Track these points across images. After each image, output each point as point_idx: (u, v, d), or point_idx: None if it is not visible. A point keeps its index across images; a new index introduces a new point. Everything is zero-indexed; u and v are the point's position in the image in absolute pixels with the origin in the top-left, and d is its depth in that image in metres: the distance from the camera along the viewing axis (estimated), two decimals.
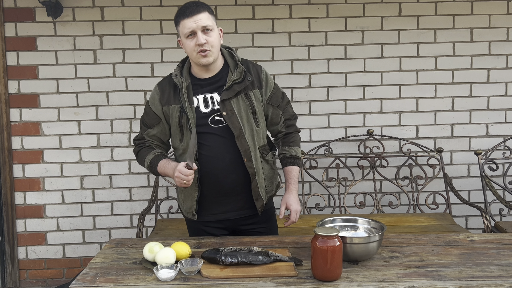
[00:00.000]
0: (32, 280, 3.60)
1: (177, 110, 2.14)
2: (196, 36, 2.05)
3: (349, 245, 1.83)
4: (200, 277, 1.77)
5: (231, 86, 2.12)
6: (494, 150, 3.48)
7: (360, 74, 3.53)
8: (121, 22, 3.44)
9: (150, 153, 2.23)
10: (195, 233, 2.29)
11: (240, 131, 2.12)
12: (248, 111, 2.15)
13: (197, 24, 2.04)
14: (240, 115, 2.12)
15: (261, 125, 2.21)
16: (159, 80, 2.26)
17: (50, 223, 3.56)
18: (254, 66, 2.22)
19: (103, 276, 1.80)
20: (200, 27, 2.04)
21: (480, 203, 3.42)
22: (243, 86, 2.13)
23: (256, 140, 2.18)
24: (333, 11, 3.47)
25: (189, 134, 2.11)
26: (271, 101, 2.23)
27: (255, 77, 2.18)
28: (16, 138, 3.48)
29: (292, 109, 2.35)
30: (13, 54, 3.43)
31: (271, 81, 2.24)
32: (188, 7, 2.07)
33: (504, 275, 1.75)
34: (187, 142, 2.15)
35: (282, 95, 2.29)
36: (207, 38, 2.06)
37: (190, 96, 2.14)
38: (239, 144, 2.12)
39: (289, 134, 2.32)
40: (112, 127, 3.51)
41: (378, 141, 3.55)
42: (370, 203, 3.56)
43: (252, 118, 2.16)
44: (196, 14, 2.03)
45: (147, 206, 3.26)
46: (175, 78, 2.16)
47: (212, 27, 2.07)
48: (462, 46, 3.53)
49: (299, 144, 2.35)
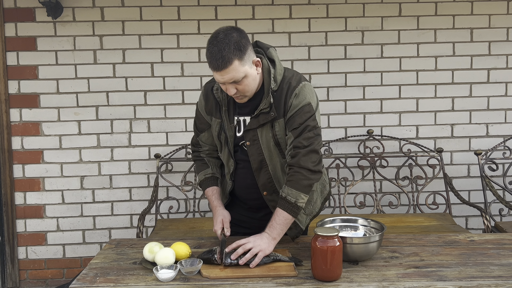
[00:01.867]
0: (32, 280, 3.60)
1: (217, 124, 2.06)
2: (225, 85, 1.88)
3: (349, 245, 1.83)
4: (200, 277, 1.77)
5: (258, 115, 1.96)
6: (494, 150, 3.47)
7: (360, 74, 3.53)
8: (121, 22, 3.44)
9: (201, 173, 2.18)
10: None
11: (262, 163, 2.01)
12: (271, 142, 1.98)
13: (225, 79, 1.84)
14: (263, 145, 1.99)
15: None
16: (207, 82, 2.12)
17: (50, 223, 3.56)
18: (289, 88, 1.94)
19: (103, 276, 1.80)
20: (228, 81, 1.85)
21: (480, 203, 3.42)
22: (268, 119, 1.94)
23: (282, 172, 2.02)
24: (333, 11, 3.47)
25: (227, 150, 2.07)
26: (287, 124, 1.95)
27: (282, 104, 1.94)
28: (16, 138, 3.49)
29: (309, 141, 1.91)
30: (13, 54, 3.43)
31: (297, 102, 1.93)
32: (214, 58, 1.81)
33: (504, 275, 1.75)
34: (223, 156, 2.11)
35: (304, 120, 1.92)
36: (237, 87, 1.87)
37: (231, 114, 2.02)
38: (257, 176, 2.03)
39: (291, 168, 1.93)
40: (112, 127, 3.51)
41: (378, 141, 3.55)
42: (370, 203, 3.56)
43: (276, 149, 2.00)
44: (223, 69, 1.81)
45: (147, 206, 3.26)
46: (216, 94, 2.02)
47: (243, 74, 1.84)
48: (462, 46, 3.53)
49: (298, 187, 1.90)
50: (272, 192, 2.05)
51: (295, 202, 1.91)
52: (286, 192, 1.91)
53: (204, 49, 3.56)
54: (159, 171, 3.47)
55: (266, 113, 1.94)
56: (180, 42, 3.46)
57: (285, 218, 1.91)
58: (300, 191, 1.91)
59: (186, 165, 3.53)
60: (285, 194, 1.91)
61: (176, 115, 3.52)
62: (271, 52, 1.99)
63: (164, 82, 3.49)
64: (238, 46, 1.81)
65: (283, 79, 1.96)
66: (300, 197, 1.91)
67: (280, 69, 1.97)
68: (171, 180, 3.51)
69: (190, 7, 3.43)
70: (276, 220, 1.91)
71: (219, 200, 2.13)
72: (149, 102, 3.50)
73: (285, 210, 1.91)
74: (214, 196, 2.13)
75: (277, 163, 2.02)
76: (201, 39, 3.46)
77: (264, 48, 2.00)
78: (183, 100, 3.51)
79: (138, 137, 3.53)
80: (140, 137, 3.53)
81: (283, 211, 1.91)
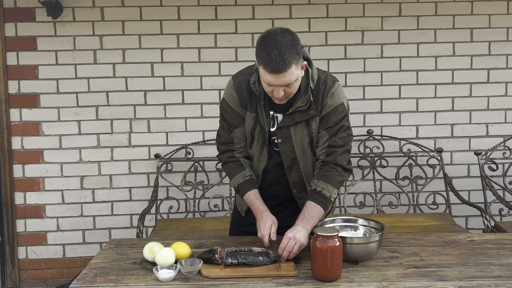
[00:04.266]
0: (32, 280, 3.60)
1: (252, 118, 2.01)
2: (274, 87, 1.84)
3: (349, 245, 1.83)
4: (200, 277, 1.77)
5: (293, 113, 1.95)
6: (494, 150, 3.47)
7: (360, 74, 3.53)
8: (121, 22, 3.44)
9: (238, 176, 2.07)
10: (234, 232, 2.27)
11: (293, 161, 2.01)
12: (305, 140, 1.99)
13: (279, 83, 1.80)
14: (296, 143, 1.99)
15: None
16: (234, 75, 2.06)
17: (50, 223, 3.56)
18: (326, 88, 1.96)
19: (103, 276, 1.80)
20: (282, 85, 1.82)
21: (480, 203, 3.42)
22: (305, 118, 1.95)
23: (312, 169, 2.04)
24: (333, 11, 3.47)
25: (259, 145, 2.03)
26: (321, 122, 1.97)
27: (320, 103, 1.95)
28: (16, 138, 3.48)
29: (344, 140, 1.97)
30: (13, 54, 3.43)
31: (333, 102, 1.96)
32: (273, 60, 1.75)
33: (504, 275, 1.75)
34: (255, 151, 2.07)
35: (339, 120, 1.97)
36: (286, 89, 1.84)
37: (267, 108, 1.99)
38: (289, 174, 2.03)
39: (325, 164, 1.97)
40: (112, 127, 3.51)
41: (378, 141, 3.55)
42: (370, 203, 3.56)
43: (309, 147, 2.00)
44: (281, 73, 1.77)
45: (147, 206, 3.26)
46: (254, 87, 1.97)
47: (296, 78, 1.82)
48: (462, 46, 3.53)
49: (333, 183, 1.95)
50: (302, 190, 2.06)
51: (330, 196, 1.95)
52: (321, 186, 1.94)
53: (204, 49, 3.60)
54: (159, 171, 3.47)
55: (303, 111, 1.94)
56: (180, 42, 3.46)
57: (318, 211, 1.93)
58: (335, 186, 1.96)
59: (186, 165, 3.53)
60: (320, 188, 1.94)
61: (176, 115, 3.51)
62: (305, 51, 1.96)
63: (164, 82, 3.49)
64: (296, 50, 1.79)
65: (319, 78, 1.98)
66: (334, 192, 1.96)
67: (315, 69, 1.98)
68: (171, 180, 3.51)
69: (190, 7, 3.43)
70: (310, 213, 1.92)
71: (264, 205, 2.04)
72: (149, 102, 3.50)
73: (319, 204, 1.93)
74: (258, 199, 2.04)
75: (308, 161, 2.03)
76: (201, 39, 3.46)
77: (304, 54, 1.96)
78: (183, 100, 3.51)
79: (138, 137, 3.53)
80: (140, 137, 3.53)
81: (316, 204, 1.93)
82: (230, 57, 3.48)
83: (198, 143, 3.53)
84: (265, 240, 1.94)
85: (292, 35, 1.82)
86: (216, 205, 3.52)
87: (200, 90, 3.50)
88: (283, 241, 1.85)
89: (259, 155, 2.07)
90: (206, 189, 3.50)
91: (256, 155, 2.08)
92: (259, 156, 2.07)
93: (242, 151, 2.11)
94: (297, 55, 1.79)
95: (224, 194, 3.55)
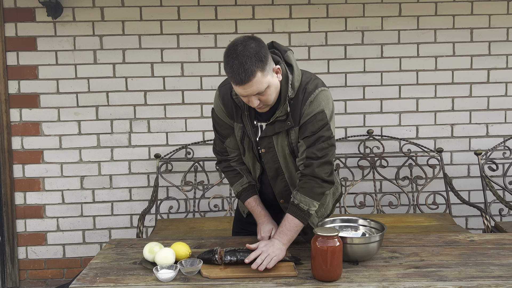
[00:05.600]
0: (32, 280, 3.60)
1: (240, 129, 2.00)
2: (248, 97, 1.81)
3: (349, 246, 1.83)
4: (200, 277, 1.77)
5: (274, 123, 1.91)
6: (494, 150, 3.47)
7: (360, 74, 3.53)
8: (121, 22, 3.44)
9: (237, 184, 2.09)
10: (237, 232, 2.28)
11: (277, 171, 1.99)
12: (286, 150, 1.95)
13: (248, 93, 1.78)
14: (279, 153, 1.96)
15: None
16: (220, 85, 2.03)
17: (50, 223, 3.56)
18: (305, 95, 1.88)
19: (103, 276, 1.80)
20: (251, 94, 1.79)
21: (480, 203, 3.42)
22: (283, 128, 1.91)
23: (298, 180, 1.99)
24: (333, 11, 3.47)
25: (251, 155, 2.03)
26: (300, 131, 1.91)
27: (298, 112, 1.89)
28: (16, 138, 3.48)
29: (323, 152, 1.88)
30: (13, 54, 3.43)
31: (310, 110, 1.88)
32: (235, 72, 1.73)
33: (504, 275, 1.75)
34: (248, 160, 2.06)
35: (317, 130, 1.87)
36: (260, 98, 1.81)
37: (252, 118, 1.97)
38: (273, 185, 2.03)
39: (304, 176, 1.91)
40: (112, 127, 3.51)
41: (378, 141, 3.55)
42: (370, 203, 3.56)
43: (291, 157, 1.97)
44: (246, 83, 1.74)
45: (147, 206, 3.26)
46: (236, 99, 1.95)
47: (266, 85, 1.78)
48: (462, 46, 3.53)
49: (311, 195, 1.89)
50: (288, 200, 2.02)
51: (308, 210, 1.90)
52: (298, 199, 1.90)
53: (204, 49, 3.60)
54: (159, 171, 3.47)
55: (282, 121, 1.90)
56: (180, 42, 3.46)
57: (295, 224, 1.90)
58: (313, 199, 1.90)
59: (186, 165, 3.53)
60: (297, 201, 1.90)
61: (176, 115, 3.52)
62: (288, 56, 1.92)
63: (164, 82, 3.49)
64: (259, 57, 1.74)
65: (300, 85, 1.90)
66: (312, 204, 1.90)
67: (298, 75, 1.91)
68: (171, 180, 3.51)
69: (190, 7, 3.43)
70: (287, 227, 1.90)
71: (265, 210, 2.06)
72: (149, 102, 3.50)
73: (296, 217, 1.90)
74: (259, 206, 2.06)
75: (293, 171, 1.99)
76: (201, 39, 3.46)
77: (281, 50, 1.94)
78: (183, 100, 3.51)
79: (138, 137, 3.53)
80: (140, 137, 3.53)
81: (294, 218, 1.90)
82: None
83: (198, 143, 3.53)
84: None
85: (255, 41, 1.77)
86: (216, 205, 3.52)
87: (200, 90, 3.50)
88: (256, 250, 1.84)
89: (252, 164, 2.07)
90: (206, 189, 3.50)
91: (250, 164, 2.08)
92: (253, 165, 2.07)
93: (237, 159, 2.12)
94: (261, 62, 1.74)
95: (224, 194, 3.55)
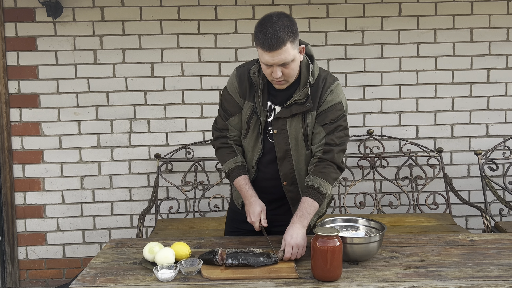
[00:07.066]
0: (32, 280, 3.60)
1: (249, 108, 2.05)
2: (272, 68, 1.89)
3: (349, 245, 1.83)
4: (200, 278, 1.77)
5: (291, 105, 1.99)
6: (494, 150, 3.48)
7: (360, 74, 3.53)
8: (121, 22, 3.44)
9: (230, 161, 2.11)
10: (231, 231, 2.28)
11: (286, 153, 2.03)
12: (300, 133, 2.02)
13: (275, 61, 1.86)
14: (291, 136, 2.02)
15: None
16: (239, 66, 2.13)
17: (50, 223, 3.56)
18: (325, 84, 2.01)
19: (103, 276, 1.80)
20: (278, 63, 1.87)
21: (480, 203, 3.42)
22: (301, 110, 1.98)
23: (305, 163, 2.06)
24: (333, 11, 3.47)
25: (254, 135, 2.06)
26: (318, 118, 2.00)
27: (318, 98, 1.99)
28: (16, 138, 3.48)
29: (340, 140, 2.00)
30: (13, 54, 3.43)
31: (331, 99, 2.00)
32: (268, 38, 1.83)
33: (504, 275, 1.75)
34: (249, 141, 2.09)
35: (336, 118, 2.00)
36: (284, 70, 1.89)
37: (264, 99, 2.03)
38: (280, 165, 2.05)
39: (322, 161, 1.99)
40: (112, 127, 3.51)
41: (378, 141, 3.55)
42: (370, 203, 3.56)
43: (303, 140, 2.03)
44: (276, 50, 1.83)
45: (147, 206, 3.26)
46: (253, 77, 2.03)
47: (292, 57, 1.88)
48: (462, 46, 3.53)
49: (329, 179, 1.98)
50: (292, 183, 2.07)
51: (326, 193, 1.98)
52: (318, 183, 1.96)
53: (204, 49, 3.60)
54: (159, 171, 3.47)
55: (300, 104, 1.98)
56: (180, 42, 3.46)
57: (315, 207, 1.97)
58: (330, 183, 1.99)
59: (186, 165, 3.53)
60: (317, 184, 1.96)
61: (176, 115, 3.52)
62: (309, 48, 2.03)
63: (164, 82, 3.49)
64: (292, 29, 1.86)
65: (319, 76, 2.02)
66: (329, 188, 1.99)
67: (317, 66, 2.04)
68: (171, 180, 3.51)
69: (190, 7, 3.43)
70: (307, 210, 1.95)
71: (253, 190, 2.09)
72: (149, 102, 3.50)
73: (316, 200, 1.96)
74: (248, 185, 2.09)
75: (301, 155, 2.05)
76: (201, 39, 3.46)
77: (303, 43, 2.01)
78: (183, 100, 3.51)
79: (138, 137, 3.53)
80: (140, 137, 3.53)
81: (314, 201, 1.96)
82: (230, 57, 3.48)
83: (198, 143, 3.53)
84: (255, 226, 2.03)
85: (288, 18, 1.88)
86: (216, 205, 3.52)
87: (200, 90, 3.50)
88: (287, 249, 1.88)
89: (253, 146, 2.09)
90: (206, 189, 3.50)
91: (250, 145, 2.10)
92: (253, 147, 2.09)
93: (236, 140, 2.15)
94: (292, 34, 1.85)
95: (224, 194, 3.55)
